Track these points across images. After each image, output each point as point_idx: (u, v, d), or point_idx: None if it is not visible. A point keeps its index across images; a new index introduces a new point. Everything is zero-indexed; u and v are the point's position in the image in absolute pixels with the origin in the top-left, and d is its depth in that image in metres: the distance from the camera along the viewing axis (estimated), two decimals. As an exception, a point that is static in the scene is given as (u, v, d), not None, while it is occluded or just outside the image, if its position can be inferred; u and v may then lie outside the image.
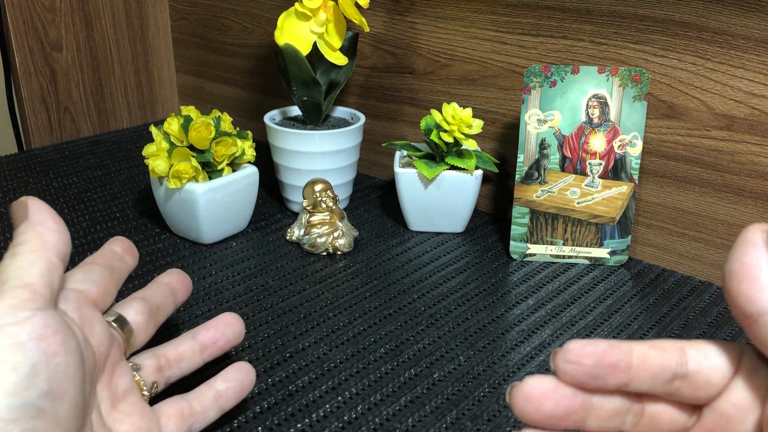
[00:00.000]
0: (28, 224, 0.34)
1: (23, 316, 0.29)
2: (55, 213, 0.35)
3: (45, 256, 0.32)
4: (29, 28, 0.85)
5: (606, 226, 0.60)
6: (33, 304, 0.30)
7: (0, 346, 0.28)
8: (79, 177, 0.79)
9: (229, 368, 0.41)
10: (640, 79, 0.57)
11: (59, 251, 0.33)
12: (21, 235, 0.33)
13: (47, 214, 0.35)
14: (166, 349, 0.40)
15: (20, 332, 0.28)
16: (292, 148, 0.67)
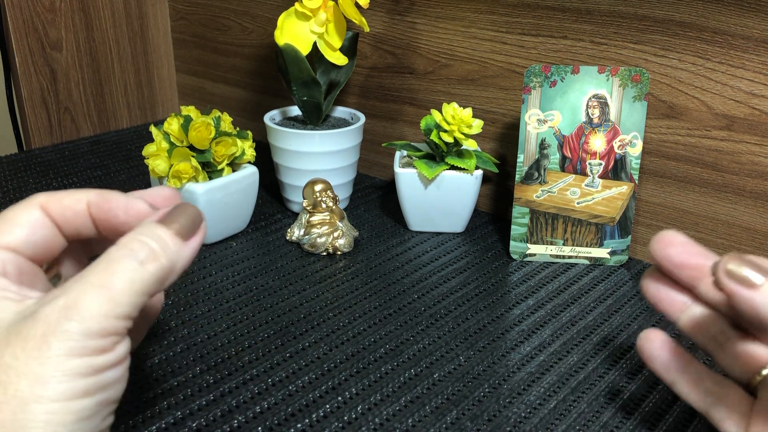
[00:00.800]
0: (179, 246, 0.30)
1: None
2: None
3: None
4: (29, 28, 0.85)
5: (606, 226, 0.60)
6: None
7: None
8: (79, 177, 0.79)
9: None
10: (640, 79, 0.57)
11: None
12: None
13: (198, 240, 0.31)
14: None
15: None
16: (292, 148, 0.67)
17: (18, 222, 0.31)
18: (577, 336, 0.51)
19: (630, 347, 0.50)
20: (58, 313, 0.27)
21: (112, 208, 0.31)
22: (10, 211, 0.31)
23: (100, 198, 0.32)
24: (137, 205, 0.32)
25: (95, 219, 0.32)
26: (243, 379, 0.45)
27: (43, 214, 0.31)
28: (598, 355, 0.49)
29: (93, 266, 0.28)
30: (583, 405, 0.44)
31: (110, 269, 0.28)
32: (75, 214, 0.31)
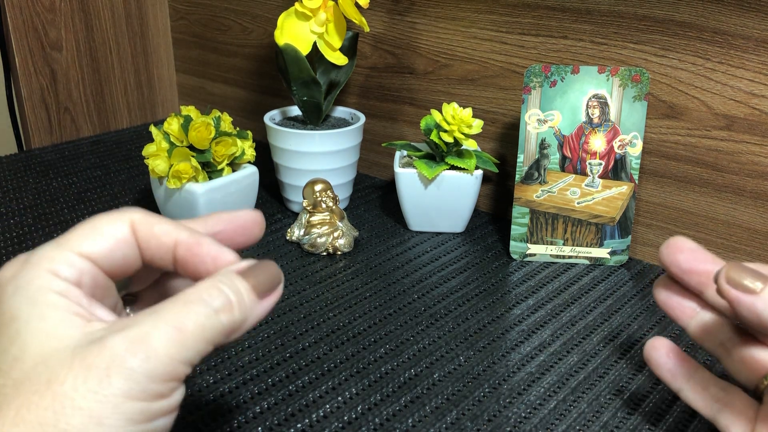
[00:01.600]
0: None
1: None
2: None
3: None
4: (29, 28, 0.85)
5: (606, 226, 0.60)
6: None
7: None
8: (79, 177, 0.79)
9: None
10: (640, 79, 0.57)
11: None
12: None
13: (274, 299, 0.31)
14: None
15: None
16: (292, 148, 0.67)
17: (104, 233, 0.29)
18: (577, 336, 0.51)
19: (630, 347, 0.50)
20: (125, 346, 0.25)
21: (201, 254, 0.30)
22: (99, 220, 0.29)
23: (191, 240, 0.30)
24: (226, 257, 0.30)
25: (178, 257, 0.30)
26: (243, 379, 0.45)
27: (131, 232, 0.30)
28: (598, 355, 0.49)
29: (168, 303, 0.27)
30: (583, 405, 0.44)
31: (185, 311, 0.27)
32: (159, 246, 0.30)
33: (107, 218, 0.29)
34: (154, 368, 0.25)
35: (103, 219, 0.29)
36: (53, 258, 0.28)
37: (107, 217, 0.30)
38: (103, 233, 0.29)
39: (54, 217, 0.68)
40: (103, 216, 0.30)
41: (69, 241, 0.28)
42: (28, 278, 0.27)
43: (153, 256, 0.30)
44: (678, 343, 0.50)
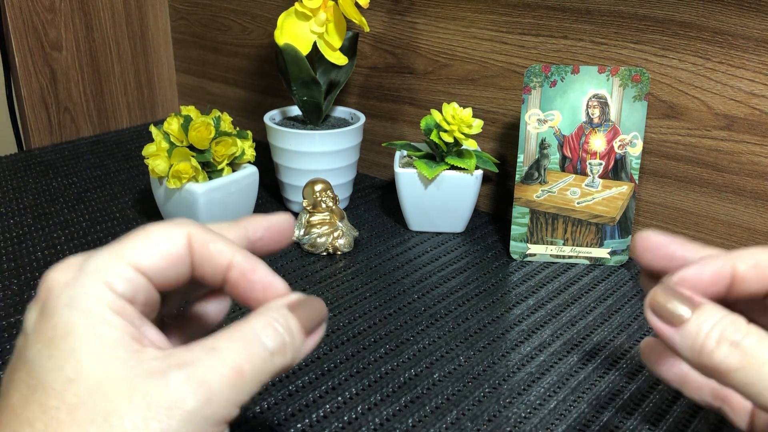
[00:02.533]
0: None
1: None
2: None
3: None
4: (29, 28, 0.85)
5: (606, 226, 0.60)
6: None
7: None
8: (78, 177, 0.79)
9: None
10: (641, 79, 0.57)
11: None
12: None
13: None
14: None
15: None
16: (292, 148, 0.67)
17: (161, 247, 0.27)
18: (577, 336, 0.51)
19: (630, 347, 0.50)
20: (188, 388, 0.24)
21: (255, 281, 0.29)
22: (156, 232, 0.28)
23: (247, 266, 0.29)
24: (277, 286, 0.29)
25: (230, 280, 0.29)
26: (243, 379, 0.45)
27: (187, 249, 0.28)
28: (598, 355, 0.49)
29: (226, 340, 0.26)
30: (583, 405, 0.44)
31: (244, 352, 0.26)
32: (213, 265, 0.28)
33: (164, 231, 0.28)
34: (213, 413, 0.25)
35: (160, 232, 0.28)
36: (110, 269, 0.26)
37: (164, 230, 0.28)
38: (160, 248, 0.27)
39: (54, 217, 0.68)
40: (160, 228, 0.28)
41: (125, 251, 0.27)
42: (84, 290, 0.26)
43: (204, 274, 0.29)
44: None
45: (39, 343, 0.25)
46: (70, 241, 0.64)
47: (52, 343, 0.25)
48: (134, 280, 0.27)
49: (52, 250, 0.62)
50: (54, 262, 0.59)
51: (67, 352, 0.24)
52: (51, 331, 0.25)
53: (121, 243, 0.27)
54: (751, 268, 0.29)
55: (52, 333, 0.25)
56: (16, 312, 0.52)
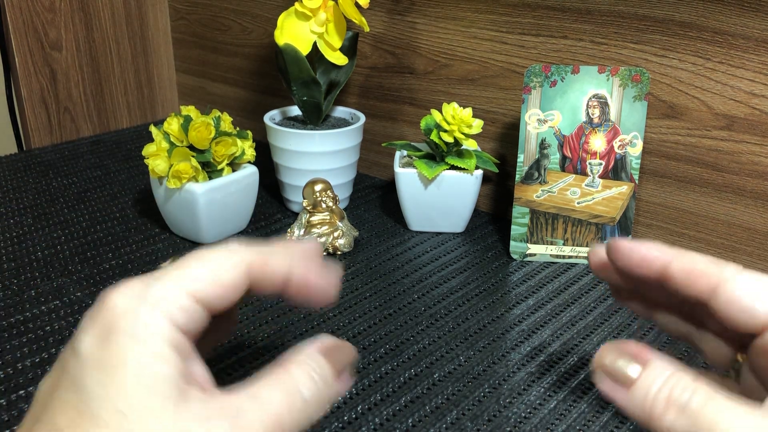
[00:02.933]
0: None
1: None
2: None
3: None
4: (29, 28, 0.85)
5: (606, 226, 0.60)
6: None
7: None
8: (78, 177, 0.79)
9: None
10: (641, 79, 0.57)
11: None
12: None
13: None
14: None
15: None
16: (292, 148, 0.67)
17: (222, 279, 0.27)
18: (577, 336, 0.51)
19: (630, 347, 0.50)
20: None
21: (310, 291, 0.29)
22: (216, 262, 0.28)
23: (301, 278, 0.29)
24: (329, 293, 0.30)
25: (285, 291, 0.29)
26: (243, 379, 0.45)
27: (246, 279, 0.28)
28: (598, 355, 0.49)
29: (268, 389, 0.27)
30: (583, 405, 0.44)
31: (285, 402, 0.26)
32: (268, 284, 0.29)
33: (225, 260, 0.28)
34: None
35: (220, 260, 0.28)
36: (170, 300, 0.26)
37: (224, 259, 0.28)
38: (220, 279, 0.27)
39: (54, 216, 0.68)
40: (220, 257, 0.28)
41: (186, 280, 0.27)
42: (146, 320, 0.26)
43: (259, 291, 0.29)
44: (678, 345, 0.50)
45: (95, 370, 0.25)
46: (70, 241, 0.64)
47: (107, 372, 0.25)
48: (193, 311, 0.27)
49: (51, 250, 0.62)
50: (54, 262, 0.59)
51: (120, 385, 0.25)
52: (108, 360, 0.25)
53: (181, 270, 0.27)
54: (683, 273, 0.29)
55: (109, 362, 0.25)
56: (16, 312, 0.52)
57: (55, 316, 0.52)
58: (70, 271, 0.58)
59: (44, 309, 0.53)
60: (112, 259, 0.60)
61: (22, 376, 0.45)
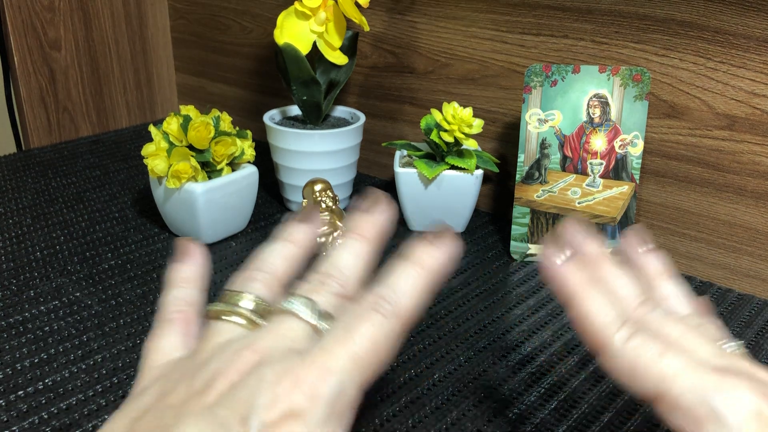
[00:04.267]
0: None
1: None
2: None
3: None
4: (28, 28, 0.85)
5: (607, 226, 0.60)
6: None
7: None
8: (78, 177, 0.78)
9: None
10: (641, 78, 0.57)
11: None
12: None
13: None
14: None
15: None
16: (292, 148, 0.67)
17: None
18: (577, 336, 0.51)
19: (631, 347, 0.50)
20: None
21: None
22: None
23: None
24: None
25: None
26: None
27: None
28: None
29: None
30: (583, 405, 0.44)
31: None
32: None
33: None
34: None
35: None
36: None
37: None
38: None
39: (53, 217, 0.68)
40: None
41: None
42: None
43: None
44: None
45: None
46: (69, 241, 0.63)
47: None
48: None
49: (51, 250, 0.62)
50: (53, 262, 0.59)
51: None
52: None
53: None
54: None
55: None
56: (16, 312, 0.52)
57: (54, 316, 0.52)
58: (69, 271, 0.58)
59: (43, 309, 0.53)
60: (111, 259, 0.60)
61: (21, 377, 0.45)
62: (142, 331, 0.50)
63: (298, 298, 0.28)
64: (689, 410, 0.27)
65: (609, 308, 0.30)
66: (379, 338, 0.26)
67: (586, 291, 0.31)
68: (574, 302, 0.31)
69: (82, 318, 0.52)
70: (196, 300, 0.33)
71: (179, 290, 0.32)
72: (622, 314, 0.30)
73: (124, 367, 0.46)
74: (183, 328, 0.31)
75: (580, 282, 0.31)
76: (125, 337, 0.49)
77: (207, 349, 0.28)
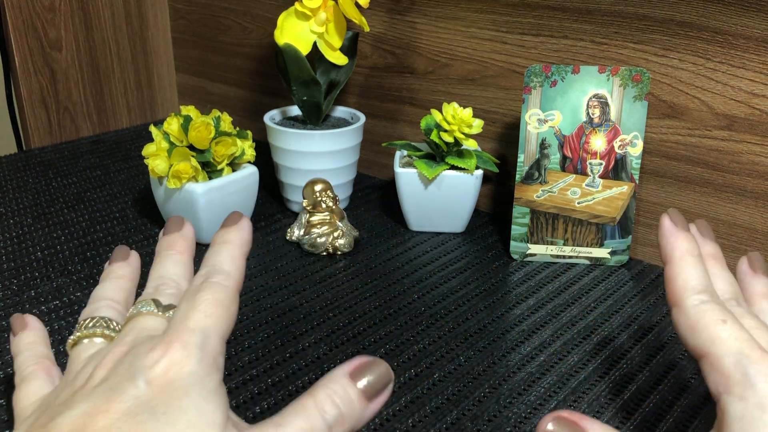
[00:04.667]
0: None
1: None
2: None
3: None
4: (29, 28, 0.85)
5: (606, 226, 0.60)
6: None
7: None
8: (78, 177, 0.79)
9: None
10: (641, 78, 0.57)
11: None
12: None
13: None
14: None
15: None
16: (292, 148, 0.67)
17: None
18: (577, 336, 0.51)
19: (630, 348, 0.50)
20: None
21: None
22: None
23: None
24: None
25: None
26: (243, 379, 0.45)
27: None
28: (598, 355, 0.49)
29: (291, 415, 0.29)
30: (583, 405, 0.44)
31: (307, 427, 0.29)
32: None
33: None
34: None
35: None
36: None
37: None
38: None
39: (53, 217, 0.68)
40: None
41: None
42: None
43: None
44: (678, 345, 0.50)
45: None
46: (70, 241, 0.63)
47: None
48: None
49: (51, 250, 0.62)
50: (54, 262, 0.59)
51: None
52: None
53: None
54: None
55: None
56: (16, 312, 0.52)
57: (55, 316, 0.52)
58: (69, 271, 0.58)
59: (44, 309, 0.53)
60: (111, 259, 0.60)
61: (21, 376, 0.45)
62: (143, 331, 0.50)
63: (142, 302, 0.33)
64: (726, 371, 0.30)
65: (701, 280, 0.33)
66: (219, 297, 0.31)
67: (690, 260, 0.34)
68: (674, 262, 0.34)
69: (82, 318, 0.52)
70: (47, 354, 0.36)
71: (28, 351, 0.36)
72: (709, 290, 0.33)
73: (124, 367, 0.46)
74: (45, 373, 0.34)
75: (689, 251, 0.34)
76: (126, 337, 0.50)
77: (77, 366, 0.31)
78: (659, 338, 0.51)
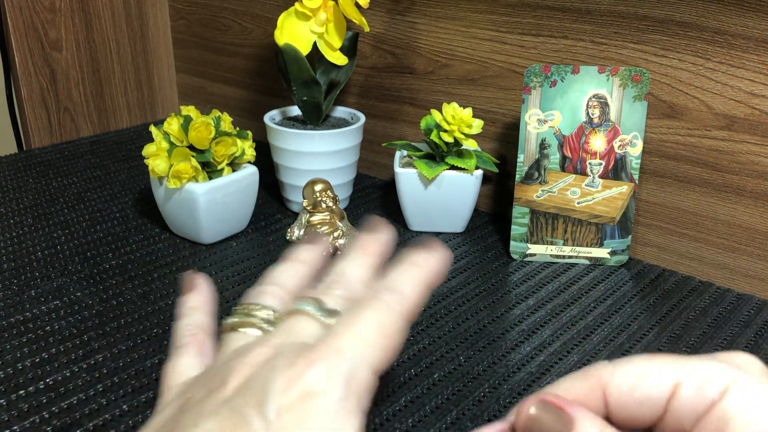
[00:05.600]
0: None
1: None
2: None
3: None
4: (29, 28, 0.85)
5: (606, 226, 0.60)
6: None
7: None
8: (78, 177, 0.79)
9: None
10: (641, 79, 0.57)
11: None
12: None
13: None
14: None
15: None
16: (292, 148, 0.67)
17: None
18: (577, 336, 0.51)
19: (630, 348, 0.50)
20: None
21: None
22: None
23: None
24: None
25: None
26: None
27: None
28: (598, 355, 0.49)
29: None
30: (583, 405, 0.44)
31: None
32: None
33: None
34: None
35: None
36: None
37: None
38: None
39: (54, 217, 0.68)
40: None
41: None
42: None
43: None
44: (678, 345, 0.50)
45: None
46: (70, 241, 0.64)
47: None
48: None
49: (51, 250, 0.62)
50: (54, 262, 0.59)
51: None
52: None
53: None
54: (626, 395, 0.25)
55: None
56: (16, 312, 0.52)
57: (55, 316, 0.52)
58: (70, 271, 0.58)
59: (44, 309, 0.53)
60: (112, 259, 0.60)
61: (22, 376, 0.45)
62: (143, 331, 0.50)
63: (305, 299, 0.30)
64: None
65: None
66: (385, 322, 0.27)
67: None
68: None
69: (82, 318, 0.52)
70: (206, 324, 0.34)
71: (189, 317, 0.34)
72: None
73: (124, 367, 0.46)
74: (197, 349, 0.32)
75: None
76: (126, 337, 0.50)
77: (223, 357, 0.29)
78: (659, 338, 0.51)
